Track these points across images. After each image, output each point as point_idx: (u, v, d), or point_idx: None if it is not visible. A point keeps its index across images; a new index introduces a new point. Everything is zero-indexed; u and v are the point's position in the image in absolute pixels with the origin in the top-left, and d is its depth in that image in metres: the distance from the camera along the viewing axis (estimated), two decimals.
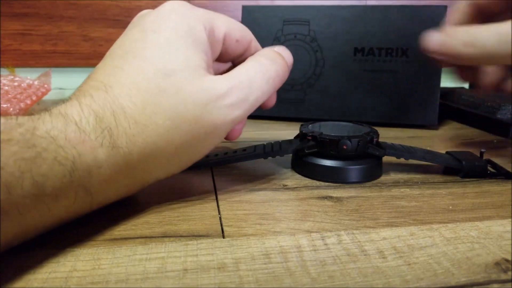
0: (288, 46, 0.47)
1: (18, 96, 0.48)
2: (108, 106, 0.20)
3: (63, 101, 0.20)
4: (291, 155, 0.31)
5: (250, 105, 0.24)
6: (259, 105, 0.25)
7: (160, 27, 0.22)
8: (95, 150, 0.19)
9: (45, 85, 0.52)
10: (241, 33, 0.25)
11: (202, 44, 0.23)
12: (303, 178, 0.29)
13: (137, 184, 0.22)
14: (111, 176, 0.20)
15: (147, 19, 0.23)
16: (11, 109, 0.45)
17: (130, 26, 0.24)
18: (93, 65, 0.60)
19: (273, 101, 0.29)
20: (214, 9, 0.61)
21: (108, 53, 0.23)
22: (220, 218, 0.23)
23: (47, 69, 0.56)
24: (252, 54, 0.27)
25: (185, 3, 0.23)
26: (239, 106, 0.23)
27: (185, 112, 0.21)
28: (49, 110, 0.19)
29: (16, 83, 0.50)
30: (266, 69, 0.24)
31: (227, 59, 0.27)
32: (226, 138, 0.29)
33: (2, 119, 0.17)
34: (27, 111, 0.48)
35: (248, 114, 0.24)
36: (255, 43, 0.27)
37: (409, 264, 0.19)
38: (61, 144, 0.18)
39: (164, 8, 0.23)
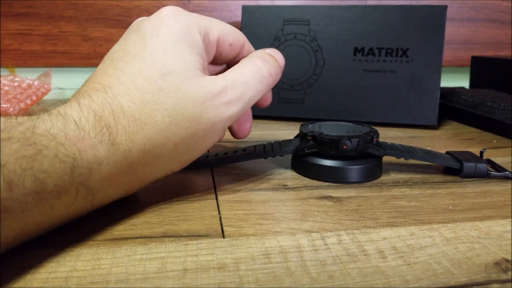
0: (288, 46, 0.48)
1: (18, 96, 0.48)
2: (107, 105, 0.20)
3: (62, 102, 0.20)
4: (291, 155, 0.31)
5: (245, 103, 0.25)
6: (254, 103, 0.26)
7: (158, 31, 0.23)
8: (95, 147, 0.19)
9: (45, 85, 0.53)
10: (234, 37, 0.26)
11: (198, 47, 0.24)
12: (303, 178, 0.29)
13: (137, 182, 0.23)
14: (112, 174, 0.20)
15: (145, 24, 0.23)
16: (11, 109, 0.45)
17: (128, 31, 0.25)
18: (93, 65, 0.60)
19: (268, 100, 0.30)
20: (214, 9, 0.61)
21: (106, 56, 0.24)
22: (220, 218, 0.23)
23: (47, 69, 0.56)
24: (245, 56, 0.27)
25: (181, 8, 0.24)
26: (235, 103, 0.24)
27: (184, 110, 0.22)
28: (48, 110, 0.19)
29: (16, 83, 0.50)
30: (259, 69, 0.25)
31: (221, 62, 0.28)
32: (236, 137, 0.30)
33: (2, 119, 0.17)
34: (27, 111, 0.48)
35: (244, 111, 0.25)
36: (248, 45, 0.28)
37: (409, 264, 0.19)
38: (62, 142, 0.18)
39: (161, 13, 0.24)
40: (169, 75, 0.22)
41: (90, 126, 0.19)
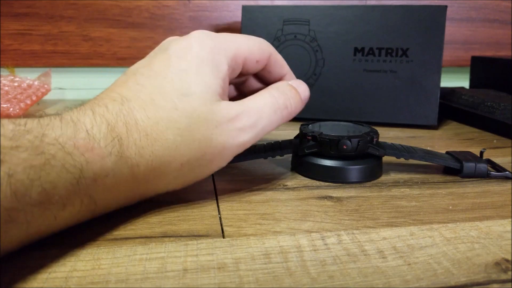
0: (288, 46, 0.48)
1: (18, 96, 0.48)
2: (121, 116, 0.20)
3: (76, 107, 0.21)
4: (291, 155, 0.31)
5: (258, 132, 0.24)
6: (267, 132, 0.25)
7: (185, 54, 0.23)
8: (103, 158, 0.19)
9: (45, 85, 0.53)
10: (261, 52, 0.26)
11: (222, 72, 0.24)
12: (303, 178, 0.29)
13: (137, 196, 0.23)
14: (115, 186, 0.20)
15: (174, 45, 0.24)
16: (11, 109, 0.45)
17: (156, 50, 0.25)
18: (93, 65, 0.60)
19: None
20: (214, 9, 0.61)
21: (130, 69, 0.24)
22: (220, 218, 0.23)
23: (47, 69, 0.56)
24: (271, 67, 0.27)
25: (210, 33, 0.24)
26: (247, 130, 0.24)
27: (196, 131, 0.22)
28: (60, 115, 0.19)
29: (16, 83, 0.50)
30: (276, 100, 0.25)
31: (247, 74, 0.28)
32: None
33: (11, 126, 0.17)
34: (27, 111, 0.48)
35: (256, 140, 0.25)
36: (274, 56, 0.27)
37: (409, 264, 0.19)
38: (70, 151, 0.18)
39: (191, 37, 0.24)
40: (188, 96, 0.22)
41: (101, 135, 0.19)
